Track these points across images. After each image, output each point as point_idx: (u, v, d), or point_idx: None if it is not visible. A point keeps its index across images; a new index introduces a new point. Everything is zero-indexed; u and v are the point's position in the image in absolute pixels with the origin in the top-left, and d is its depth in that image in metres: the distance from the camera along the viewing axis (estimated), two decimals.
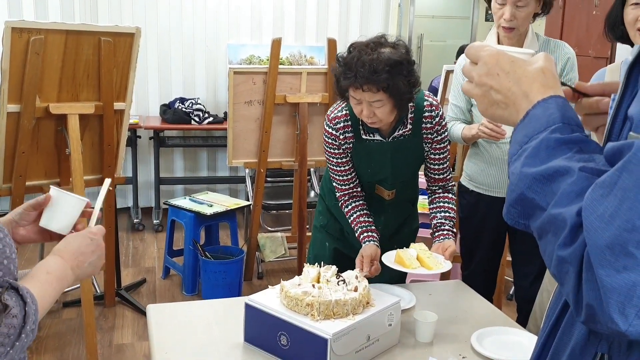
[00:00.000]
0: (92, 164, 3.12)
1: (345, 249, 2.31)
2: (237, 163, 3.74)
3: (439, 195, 2.23)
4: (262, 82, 3.65)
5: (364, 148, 2.11)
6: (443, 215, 2.18)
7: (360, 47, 1.90)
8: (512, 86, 0.78)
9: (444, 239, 2.13)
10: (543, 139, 0.72)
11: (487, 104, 0.81)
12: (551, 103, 0.75)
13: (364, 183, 2.21)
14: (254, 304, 1.72)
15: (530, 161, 0.71)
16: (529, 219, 0.73)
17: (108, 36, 2.92)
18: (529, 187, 0.71)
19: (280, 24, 5.21)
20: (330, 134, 2.11)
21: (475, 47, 0.83)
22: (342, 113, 2.09)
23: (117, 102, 3.07)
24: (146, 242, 4.50)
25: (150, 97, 5.01)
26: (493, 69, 0.79)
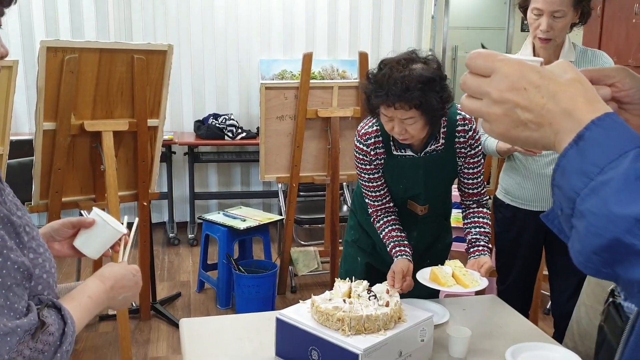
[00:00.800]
0: (127, 180, 3.17)
1: (378, 264, 2.28)
2: (270, 178, 3.75)
3: (474, 210, 2.18)
4: (293, 97, 3.66)
5: (395, 164, 2.08)
6: (478, 230, 2.13)
7: (392, 64, 1.87)
8: (547, 103, 0.65)
9: (479, 255, 2.07)
10: (628, 170, 0.59)
11: (510, 124, 0.68)
12: (610, 123, 0.63)
13: (396, 199, 2.18)
14: (285, 319, 1.71)
15: (622, 198, 0.58)
16: (617, 266, 0.60)
17: (141, 54, 2.98)
18: (628, 231, 0.58)
19: (312, 38, 5.24)
20: (361, 150, 2.09)
21: (485, 55, 0.69)
22: (373, 129, 2.06)
23: (150, 118, 3.12)
24: (181, 256, 4.54)
25: (184, 113, 5.09)
26: (518, 83, 0.66)
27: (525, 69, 0.67)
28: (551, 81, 0.66)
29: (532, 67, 0.67)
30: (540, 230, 2.50)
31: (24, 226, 1.02)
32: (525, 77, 0.66)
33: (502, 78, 0.67)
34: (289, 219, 3.79)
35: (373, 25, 5.34)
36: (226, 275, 3.59)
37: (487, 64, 0.68)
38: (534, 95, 0.66)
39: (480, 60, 0.69)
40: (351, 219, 2.40)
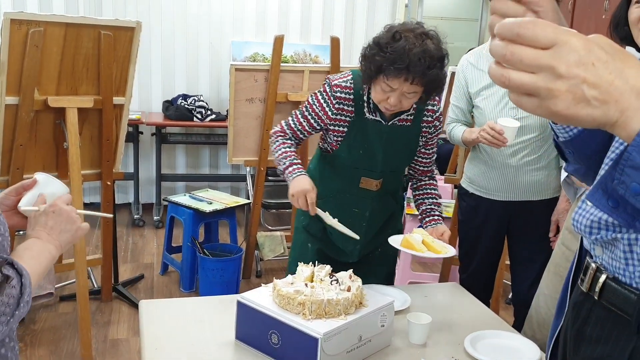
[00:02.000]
0: (91, 159, 3.11)
1: (329, 249, 2.24)
2: (237, 161, 3.72)
3: (425, 182, 2.23)
4: (263, 79, 3.63)
5: (362, 126, 2.04)
6: (431, 201, 2.18)
7: (407, 36, 1.84)
8: (615, 79, 0.62)
9: (435, 224, 2.11)
10: None
11: (572, 101, 0.63)
12: None
13: (349, 173, 2.11)
14: (246, 302, 1.70)
15: None
16: None
17: (108, 30, 2.91)
18: None
19: (285, 22, 5.19)
20: (327, 95, 2.03)
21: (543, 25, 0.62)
22: (347, 85, 2.02)
23: (116, 96, 3.05)
24: (146, 238, 4.48)
25: (153, 93, 5.01)
26: (587, 57, 0.62)
27: (591, 43, 0.63)
28: (616, 58, 0.64)
29: (597, 40, 0.64)
30: (503, 219, 2.54)
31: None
32: (593, 52, 0.63)
33: (570, 51, 0.62)
34: (256, 203, 3.78)
35: (347, 12, 5.32)
36: (190, 258, 3.56)
37: (547, 34, 0.62)
38: (603, 71, 0.62)
39: (539, 30, 0.62)
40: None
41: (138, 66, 3.13)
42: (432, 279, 3.65)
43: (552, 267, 2.16)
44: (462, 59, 2.55)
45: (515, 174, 2.45)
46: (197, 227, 3.62)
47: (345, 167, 2.11)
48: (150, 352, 1.64)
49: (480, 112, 2.45)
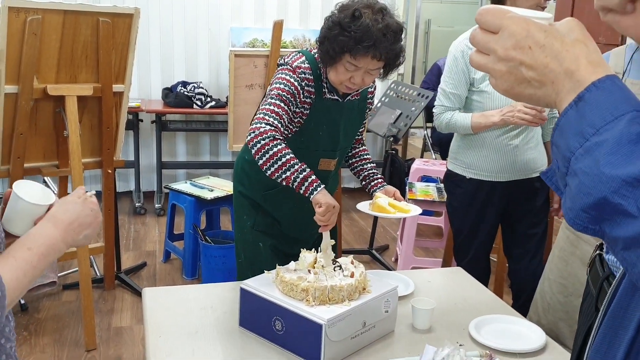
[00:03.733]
0: (91, 147, 3.10)
1: (282, 244, 2.16)
2: (238, 147, 3.68)
3: (360, 149, 2.25)
4: (263, 65, 3.60)
5: (323, 107, 1.99)
6: (370, 166, 2.21)
7: (367, 13, 1.83)
8: (550, 62, 0.66)
9: (382, 186, 2.13)
10: (622, 132, 0.61)
11: (514, 81, 0.69)
12: (610, 85, 0.64)
13: (309, 156, 1.97)
14: (249, 289, 1.70)
15: (614, 159, 0.60)
16: (603, 224, 0.63)
17: (106, 17, 2.89)
18: (616, 191, 0.60)
19: (284, 7, 5.16)
20: (290, 83, 1.89)
21: (494, 12, 0.69)
22: (306, 65, 1.93)
23: (116, 84, 3.04)
24: (148, 226, 4.48)
25: (152, 80, 4.98)
26: (524, 41, 0.67)
27: (532, 28, 0.67)
28: (556, 40, 0.67)
29: (539, 25, 0.68)
30: (503, 200, 2.54)
31: None
32: (531, 36, 0.67)
33: (509, 36, 0.68)
34: None
35: None
36: (192, 246, 3.56)
37: (496, 20, 0.69)
38: (539, 54, 0.67)
39: (490, 17, 0.69)
40: (239, 200, 2.15)
41: (137, 53, 3.11)
42: (434, 264, 3.66)
43: (557, 251, 2.16)
44: (459, 44, 2.43)
45: (517, 153, 2.46)
46: (198, 215, 3.62)
47: (304, 151, 1.97)
48: (154, 340, 1.64)
49: (488, 97, 2.40)
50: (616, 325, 0.77)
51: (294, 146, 1.92)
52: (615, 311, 0.78)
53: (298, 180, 1.83)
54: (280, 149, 1.82)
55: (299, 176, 1.83)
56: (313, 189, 1.83)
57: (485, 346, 1.64)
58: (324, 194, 1.84)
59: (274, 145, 1.82)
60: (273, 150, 1.82)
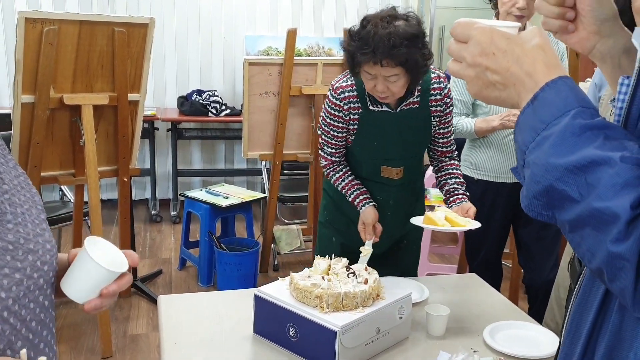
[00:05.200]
0: (107, 155, 3.13)
1: (352, 243, 2.23)
2: (252, 155, 3.72)
3: (447, 163, 2.20)
4: (277, 73, 3.62)
5: (371, 119, 2.04)
6: (454, 181, 2.15)
7: (374, 21, 1.85)
8: (512, 66, 0.73)
9: (460, 202, 2.08)
10: (566, 125, 0.67)
11: (482, 85, 0.76)
12: (562, 85, 0.71)
13: (368, 164, 2.13)
14: (264, 296, 1.70)
15: (558, 150, 0.67)
16: (554, 210, 0.69)
17: (122, 27, 2.92)
18: (560, 179, 0.67)
19: (298, 15, 5.18)
20: (333, 104, 2.04)
21: (463, 24, 0.77)
22: (348, 83, 2.03)
23: (131, 93, 3.07)
24: (163, 234, 4.51)
25: (167, 89, 5.03)
26: (488, 48, 0.74)
27: (495, 36, 0.74)
28: (517, 46, 0.74)
29: (502, 33, 0.74)
30: (511, 202, 2.54)
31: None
32: (494, 44, 0.74)
33: (476, 44, 0.75)
34: (272, 197, 3.78)
35: (359, 3, 5.29)
36: (208, 253, 3.58)
37: (465, 31, 0.76)
38: (501, 59, 0.74)
39: (460, 29, 0.77)
40: (324, 198, 2.35)
41: (152, 62, 3.13)
42: (450, 270, 3.63)
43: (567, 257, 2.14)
44: None
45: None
46: (213, 222, 3.64)
47: (364, 160, 2.13)
48: (170, 347, 1.65)
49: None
50: (581, 309, 0.82)
51: (355, 155, 2.14)
52: (581, 296, 0.83)
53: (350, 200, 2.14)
54: (336, 179, 2.16)
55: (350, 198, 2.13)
56: (359, 207, 2.11)
57: (500, 352, 1.62)
58: (365, 213, 2.09)
59: (331, 177, 2.18)
60: (332, 179, 2.17)
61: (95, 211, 2.87)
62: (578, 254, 0.70)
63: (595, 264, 0.67)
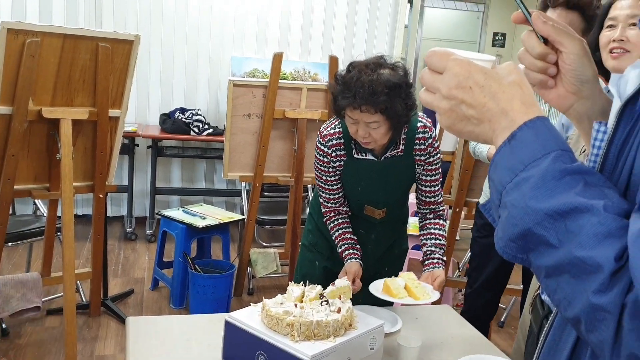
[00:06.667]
0: (84, 171, 3.08)
1: (336, 267, 2.26)
2: (233, 176, 3.70)
3: (430, 221, 2.19)
4: (262, 95, 3.62)
5: (355, 167, 2.09)
6: (433, 242, 2.15)
7: (360, 67, 1.88)
8: (488, 102, 0.71)
9: (433, 267, 2.09)
10: (547, 169, 0.66)
11: (456, 118, 0.74)
12: (540, 126, 0.69)
13: (353, 203, 2.19)
14: (234, 322, 1.67)
15: (538, 194, 0.65)
16: (529, 253, 0.68)
17: (106, 42, 2.90)
18: (539, 223, 0.65)
19: (286, 39, 5.20)
20: (322, 151, 2.09)
21: (439, 54, 0.74)
22: (335, 130, 2.07)
23: (112, 109, 3.04)
24: (138, 252, 4.44)
25: (150, 106, 4.99)
26: (465, 82, 0.72)
27: (473, 70, 0.72)
28: (494, 82, 0.72)
29: (479, 68, 0.73)
30: None
31: None
32: (472, 77, 0.72)
33: (452, 76, 0.73)
34: (250, 219, 3.74)
35: (347, 30, 5.33)
36: (181, 274, 3.52)
37: (441, 62, 0.74)
38: (478, 94, 0.72)
39: (436, 59, 0.75)
40: (309, 222, 2.38)
41: (136, 78, 3.11)
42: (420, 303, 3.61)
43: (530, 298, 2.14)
44: None
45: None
46: (189, 242, 3.59)
47: (349, 198, 2.18)
48: None
49: None
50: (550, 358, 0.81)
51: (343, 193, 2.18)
52: (550, 344, 0.81)
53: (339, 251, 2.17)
54: (332, 227, 2.19)
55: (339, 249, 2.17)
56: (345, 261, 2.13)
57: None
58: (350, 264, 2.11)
59: (328, 223, 2.21)
60: (329, 226, 2.21)
61: (67, 227, 2.82)
62: (553, 300, 0.68)
63: (573, 313, 0.65)
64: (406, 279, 1.95)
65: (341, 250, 2.14)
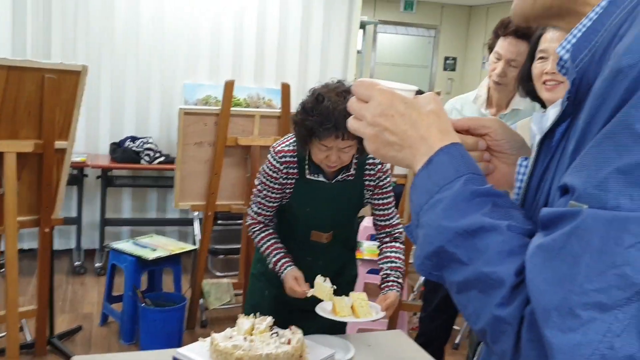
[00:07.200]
0: (29, 205, 2.99)
1: (286, 295, 2.24)
2: (184, 206, 3.65)
3: (387, 245, 2.22)
4: (213, 123, 3.60)
5: (306, 187, 2.10)
6: (389, 266, 2.17)
7: (330, 96, 1.91)
8: (409, 129, 0.77)
9: (388, 290, 2.11)
10: (458, 191, 0.71)
11: (380, 144, 0.79)
12: (454, 151, 0.75)
13: (300, 227, 2.18)
14: (182, 358, 1.64)
15: (449, 214, 0.70)
16: (443, 270, 0.72)
17: (53, 73, 2.85)
18: (450, 241, 0.70)
19: (239, 65, 5.21)
20: (273, 166, 2.09)
21: (366, 84, 0.80)
22: (290, 148, 2.09)
23: (59, 140, 2.97)
24: (86, 287, 4.31)
25: (100, 134, 4.90)
26: (388, 110, 0.77)
27: (395, 99, 0.78)
28: (414, 111, 0.77)
29: (401, 97, 0.78)
30: None
31: None
32: (394, 106, 0.77)
33: (377, 105, 0.78)
34: (202, 250, 3.69)
35: (300, 56, 5.38)
36: (131, 308, 3.43)
37: (367, 92, 0.79)
38: (400, 122, 0.77)
39: (362, 88, 0.80)
40: (257, 251, 2.35)
41: (86, 107, 3.07)
42: (381, 325, 3.62)
43: None
44: (448, 104, 2.63)
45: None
46: (139, 275, 3.51)
47: (296, 221, 2.18)
48: None
49: None
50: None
51: (286, 218, 2.18)
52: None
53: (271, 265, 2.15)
54: (259, 240, 2.20)
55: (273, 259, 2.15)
56: (282, 271, 2.11)
57: None
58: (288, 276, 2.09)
59: (255, 236, 2.22)
60: (256, 240, 2.21)
61: (11, 264, 2.73)
62: (464, 315, 0.71)
63: (480, 325, 0.69)
64: (355, 299, 1.98)
65: (277, 258, 2.13)
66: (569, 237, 0.61)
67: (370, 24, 8.12)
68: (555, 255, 0.61)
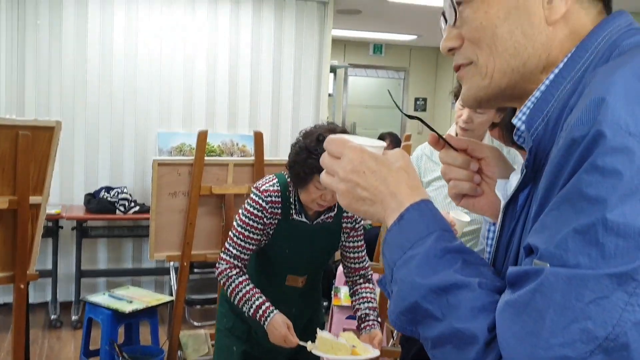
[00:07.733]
0: (3, 261, 2.97)
1: (254, 350, 2.25)
2: (160, 257, 3.64)
3: (361, 286, 2.26)
4: (187, 173, 3.63)
5: (288, 228, 2.12)
6: (367, 306, 2.21)
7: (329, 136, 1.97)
8: (379, 185, 0.79)
9: (370, 329, 2.15)
10: (430, 247, 0.73)
11: (352, 199, 0.81)
12: (424, 208, 0.78)
13: (275, 270, 2.18)
14: None
15: (422, 270, 0.73)
16: (417, 325, 0.74)
17: (27, 130, 2.87)
18: (424, 297, 0.72)
19: (212, 112, 5.28)
20: (258, 205, 2.09)
21: (337, 142, 0.83)
22: (274, 188, 2.11)
23: (33, 195, 2.97)
24: (63, 341, 4.24)
25: (75, 186, 4.90)
26: (359, 167, 0.80)
27: (366, 156, 0.81)
28: (384, 167, 0.80)
29: (372, 154, 0.81)
30: None
31: None
32: (365, 163, 0.80)
33: (348, 162, 0.81)
34: (178, 301, 3.68)
35: (272, 102, 5.47)
36: None
37: (338, 149, 0.82)
38: (371, 178, 0.80)
39: (333, 145, 0.83)
40: (222, 305, 2.34)
41: (60, 160, 3.09)
42: None
43: None
44: (418, 150, 2.68)
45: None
46: (116, 328, 3.48)
47: (272, 265, 2.18)
48: None
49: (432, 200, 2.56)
50: None
51: (261, 261, 2.16)
52: None
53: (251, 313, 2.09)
54: (236, 285, 2.11)
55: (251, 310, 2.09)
56: (265, 319, 2.07)
57: None
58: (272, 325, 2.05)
59: (230, 282, 2.13)
60: (231, 286, 2.12)
61: None
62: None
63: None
64: (346, 339, 2.00)
65: (259, 302, 2.08)
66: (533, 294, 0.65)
67: (341, 68, 8.30)
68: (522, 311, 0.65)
